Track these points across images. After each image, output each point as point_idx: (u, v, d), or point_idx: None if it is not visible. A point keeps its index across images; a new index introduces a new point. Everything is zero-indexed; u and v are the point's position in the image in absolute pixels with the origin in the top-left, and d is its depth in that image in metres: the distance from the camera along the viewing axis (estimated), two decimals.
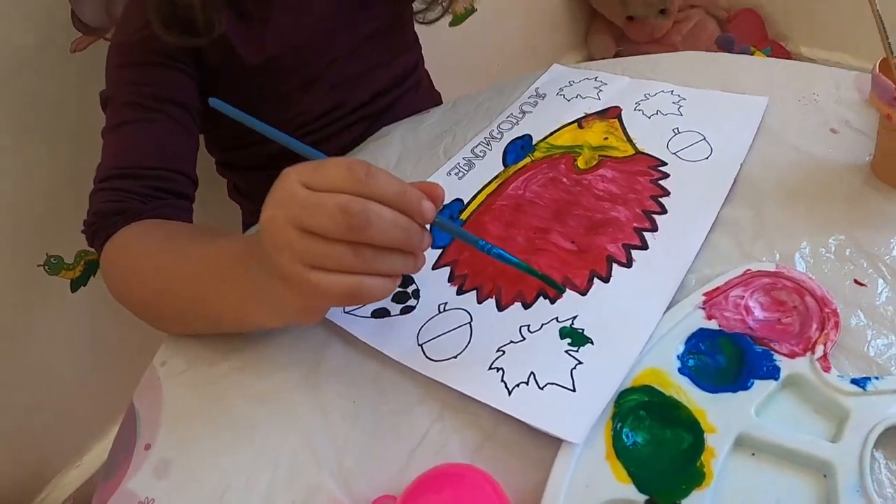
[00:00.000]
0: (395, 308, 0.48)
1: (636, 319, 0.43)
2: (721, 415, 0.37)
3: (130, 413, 0.47)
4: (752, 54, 1.58)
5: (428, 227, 0.40)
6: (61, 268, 0.96)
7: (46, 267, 0.95)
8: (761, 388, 0.39)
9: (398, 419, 0.41)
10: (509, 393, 0.40)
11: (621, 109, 0.63)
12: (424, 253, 0.40)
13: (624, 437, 0.37)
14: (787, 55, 1.68)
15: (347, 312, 0.48)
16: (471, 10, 1.39)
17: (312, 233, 0.36)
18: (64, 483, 1.08)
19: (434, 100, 0.87)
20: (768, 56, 1.61)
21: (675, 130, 0.59)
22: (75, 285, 0.99)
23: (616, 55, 1.76)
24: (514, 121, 0.65)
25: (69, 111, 0.87)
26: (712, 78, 0.67)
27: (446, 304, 0.47)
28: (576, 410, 0.38)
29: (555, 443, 0.37)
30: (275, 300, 0.41)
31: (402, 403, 0.42)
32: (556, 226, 0.51)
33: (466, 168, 0.60)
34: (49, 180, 0.89)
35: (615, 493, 0.35)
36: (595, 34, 1.81)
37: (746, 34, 1.72)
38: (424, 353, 0.44)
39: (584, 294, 0.45)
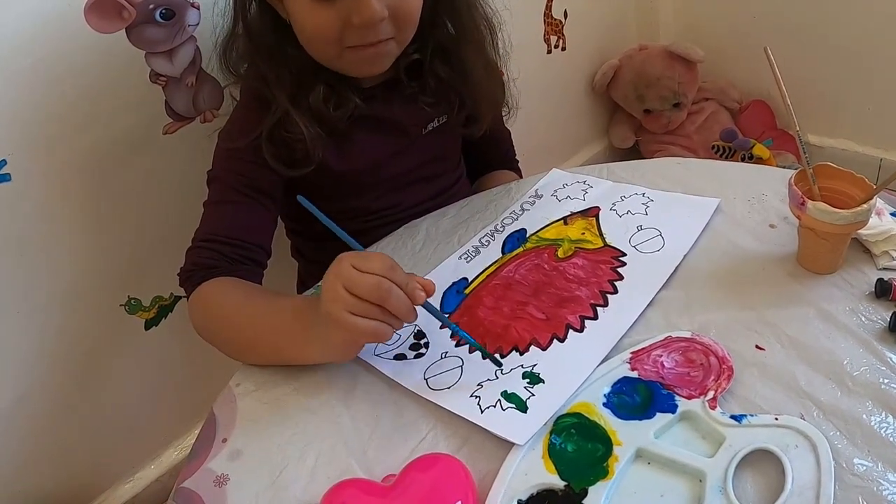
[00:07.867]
0: (411, 354, 0.64)
1: (578, 368, 0.59)
2: (628, 434, 0.53)
3: (211, 418, 0.62)
4: (752, 147, 1.69)
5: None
6: (139, 309, 1.07)
7: (126, 307, 1.06)
8: (661, 418, 0.54)
9: (406, 427, 0.57)
10: (482, 412, 0.56)
11: (600, 209, 0.80)
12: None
13: (557, 445, 0.53)
14: (794, 143, 1.73)
15: (377, 355, 0.64)
16: None
17: (354, 294, 0.56)
18: (116, 495, 1.16)
19: None
20: (769, 147, 1.71)
21: (639, 227, 0.76)
22: (148, 325, 1.09)
23: (635, 145, 1.89)
24: (515, 217, 0.82)
25: (156, 182, 1.00)
26: (680, 181, 0.82)
27: (447, 352, 0.64)
28: (524, 425, 0.54)
29: (508, 446, 0.53)
30: (325, 340, 0.59)
31: (409, 417, 0.58)
32: (533, 300, 0.68)
33: (474, 254, 0.77)
34: (134, 234, 1.02)
35: (545, 480, 0.50)
36: (615, 125, 1.91)
37: (757, 124, 1.79)
38: (428, 385, 0.60)
39: (544, 350, 0.62)
